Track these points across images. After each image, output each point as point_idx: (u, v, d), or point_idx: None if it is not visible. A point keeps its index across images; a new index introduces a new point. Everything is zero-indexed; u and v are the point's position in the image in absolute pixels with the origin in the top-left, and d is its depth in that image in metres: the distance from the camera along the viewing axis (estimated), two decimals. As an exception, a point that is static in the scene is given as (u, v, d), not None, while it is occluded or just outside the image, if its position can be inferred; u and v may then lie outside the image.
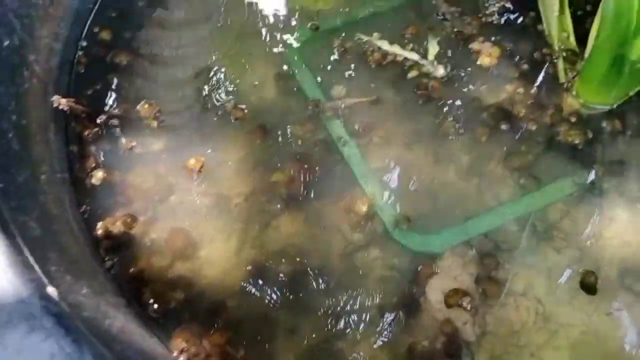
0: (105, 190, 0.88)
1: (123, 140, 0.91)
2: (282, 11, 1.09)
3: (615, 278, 0.79)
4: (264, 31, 1.06)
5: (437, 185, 0.89)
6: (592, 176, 0.88)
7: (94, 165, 0.89)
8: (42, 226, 0.71)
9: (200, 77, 1.00)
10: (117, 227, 0.83)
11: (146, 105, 0.93)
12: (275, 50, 1.03)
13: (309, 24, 1.05)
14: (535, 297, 0.79)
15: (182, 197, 0.89)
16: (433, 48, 0.98)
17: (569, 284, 0.79)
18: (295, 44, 1.04)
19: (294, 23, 1.07)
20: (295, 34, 1.05)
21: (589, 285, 0.78)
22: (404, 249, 0.84)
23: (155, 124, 0.93)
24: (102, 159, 0.91)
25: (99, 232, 0.82)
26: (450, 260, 0.82)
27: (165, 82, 1.00)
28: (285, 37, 1.05)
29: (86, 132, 0.91)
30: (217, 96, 0.98)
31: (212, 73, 1.01)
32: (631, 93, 0.88)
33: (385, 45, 0.98)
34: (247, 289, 0.82)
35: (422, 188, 0.89)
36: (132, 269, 0.81)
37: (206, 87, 0.99)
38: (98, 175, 0.87)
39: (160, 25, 1.07)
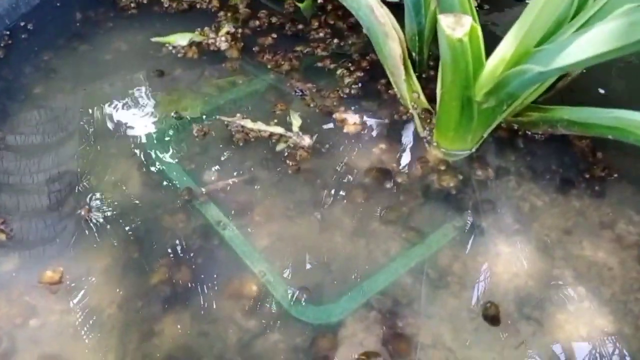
0: (-57, 327, 0.74)
1: (-38, 264, 0.79)
2: (143, 107, 1.05)
3: (514, 310, 0.79)
4: (123, 129, 1.01)
5: (327, 253, 0.86)
6: (469, 218, 0.90)
7: None
8: None
9: (52, 184, 0.91)
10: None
11: (-13, 219, 0.82)
12: (137, 145, 0.98)
13: (172, 113, 1.02)
14: (444, 346, 0.76)
15: (44, 318, 0.77)
16: (296, 120, 0.99)
17: (472, 325, 0.78)
18: (158, 136, 1.00)
19: (155, 116, 1.03)
20: (157, 126, 1.01)
21: (491, 316, 0.77)
22: (304, 325, 0.78)
23: (3, 237, 0.81)
24: (-62, 291, 0.77)
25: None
26: (354, 326, 0.77)
27: (11, 195, 0.90)
28: (146, 130, 1.01)
29: None
30: (74, 202, 0.89)
31: (66, 178, 0.93)
32: (485, 135, 0.94)
33: (248, 123, 0.98)
34: (134, 409, 0.70)
35: (312, 258, 0.85)
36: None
37: (60, 194, 0.90)
38: None
39: (3, 128, 0.98)
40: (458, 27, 0.70)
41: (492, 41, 0.80)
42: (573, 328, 0.78)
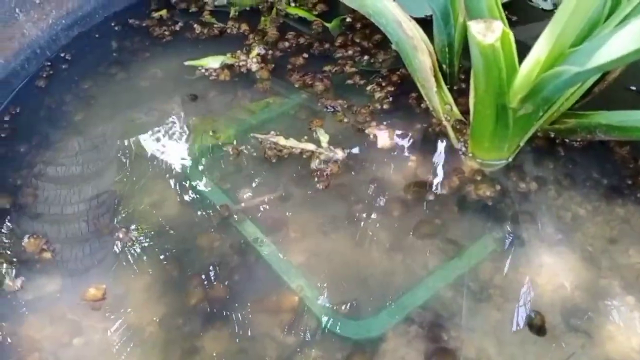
0: (-8, 347, 0.76)
1: (9, 283, 0.81)
2: (179, 130, 1.08)
3: (560, 322, 0.77)
4: (160, 152, 1.03)
5: (364, 267, 0.85)
6: (509, 229, 0.88)
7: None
8: None
9: (92, 209, 0.93)
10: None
11: (31, 240, 0.84)
12: (173, 167, 1.00)
13: (209, 134, 1.04)
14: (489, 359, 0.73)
15: (87, 337, 0.78)
16: (323, 136, 1.00)
17: (518, 338, 0.75)
18: (194, 158, 1.01)
19: (191, 138, 1.05)
20: (193, 149, 1.03)
21: (537, 326, 0.74)
22: (344, 340, 0.77)
23: (48, 255, 0.84)
24: (-14, 313, 0.79)
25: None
26: (394, 341, 0.76)
27: (53, 218, 0.92)
28: (182, 153, 1.02)
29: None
30: (113, 224, 0.91)
31: (105, 201, 0.95)
32: (522, 143, 0.92)
33: (281, 140, 0.99)
34: None
35: (349, 273, 0.84)
36: None
37: (100, 218, 0.92)
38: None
39: (46, 155, 1.01)
40: (489, 32, 0.70)
41: (523, 53, 0.79)
42: (624, 339, 0.75)
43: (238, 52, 1.19)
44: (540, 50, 0.72)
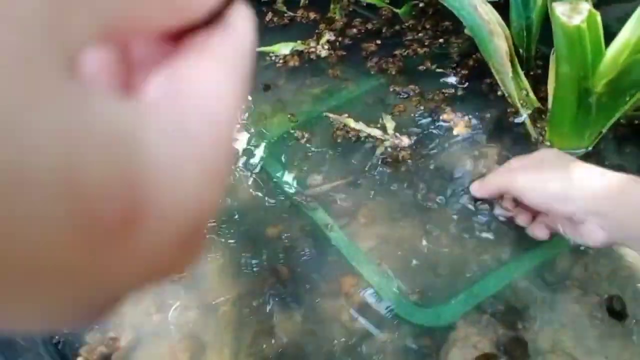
0: (80, 318, 0.81)
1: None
2: (251, 116, 1.10)
3: (644, 317, 0.73)
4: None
5: (434, 255, 0.84)
6: (588, 219, 0.84)
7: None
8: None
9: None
10: (99, 354, 0.74)
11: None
12: (244, 152, 1.02)
13: (288, 116, 1.06)
14: (564, 352, 0.71)
15: (164, 314, 0.82)
16: (389, 123, 0.99)
17: (596, 332, 0.73)
18: (264, 143, 1.03)
19: (263, 125, 1.07)
20: (264, 135, 1.05)
21: (617, 311, 0.71)
22: (413, 327, 0.76)
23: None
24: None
25: (77, 363, 0.74)
26: (466, 329, 0.75)
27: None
28: (254, 139, 1.05)
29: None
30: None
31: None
32: (604, 130, 0.88)
33: (351, 123, 0.99)
34: (249, 403, 0.72)
35: (419, 260, 0.84)
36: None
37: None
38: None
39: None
40: (575, 14, 0.67)
41: (605, 36, 0.75)
42: None
43: (308, 39, 1.20)
44: (630, 31, 0.68)
